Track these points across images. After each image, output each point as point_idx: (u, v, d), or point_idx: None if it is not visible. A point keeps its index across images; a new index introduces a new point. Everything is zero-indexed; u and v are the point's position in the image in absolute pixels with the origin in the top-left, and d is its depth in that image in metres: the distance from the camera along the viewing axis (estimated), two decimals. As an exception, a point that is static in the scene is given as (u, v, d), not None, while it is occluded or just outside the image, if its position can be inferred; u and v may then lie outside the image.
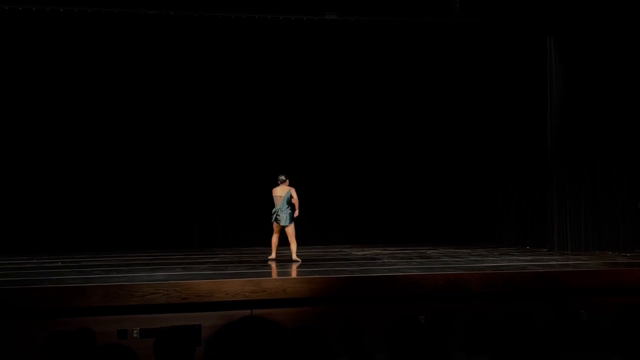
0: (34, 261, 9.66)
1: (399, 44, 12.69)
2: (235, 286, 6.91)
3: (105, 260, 9.68)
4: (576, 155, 10.60)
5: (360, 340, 4.34)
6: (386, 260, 9.40)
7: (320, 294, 7.03)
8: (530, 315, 3.99)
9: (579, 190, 10.61)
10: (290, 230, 9.36)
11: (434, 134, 12.89)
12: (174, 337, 3.24)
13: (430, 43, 12.73)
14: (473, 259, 9.59)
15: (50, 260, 9.70)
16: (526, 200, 11.64)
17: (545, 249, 10.73)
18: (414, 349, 3.25)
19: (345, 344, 4.30)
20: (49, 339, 3.33)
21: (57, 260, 9.71)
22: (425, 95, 12.84)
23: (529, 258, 9.57)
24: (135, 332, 6.52)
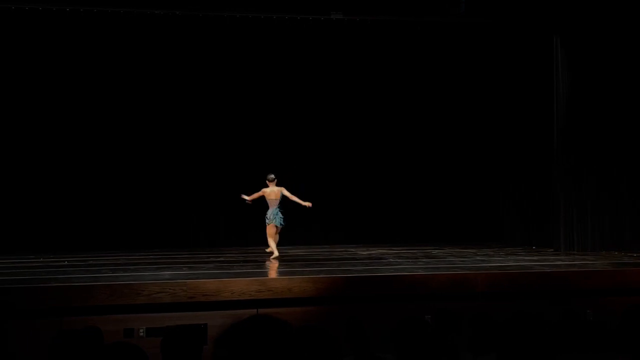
0: (41, 260, 9.69)
1: (403, 43, 12.66)
2: (241, 285, 6.92)
3: (112, 259, 9.70)
4: (582, 155, 10.56)
5: (366, 340, 4.34)
6: (392, 260, 9.40)
7: (325, 294, 7.03)
8: (537, 315, 3.99)
9: (585, 190, 10.57)
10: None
11: (440, 133, 12.86)
12: (181, 336, 3.26)
13: (436, 43, 12.71)
14: (479, 258, 9.58)
15: (57, 259, 9.72)
16: (532, 200, 11.62)
17: (552, 249, 10.70)
18: (421, 348, 3.25)
19: (351, 343, 4.30)
20: (56, 338, 3.34)
21: (63, 259, 9.74)
22: (432, 94, 12.82)
23: (535, 258, 9.55)
24: (141, 331, 6.54)
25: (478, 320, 4.33)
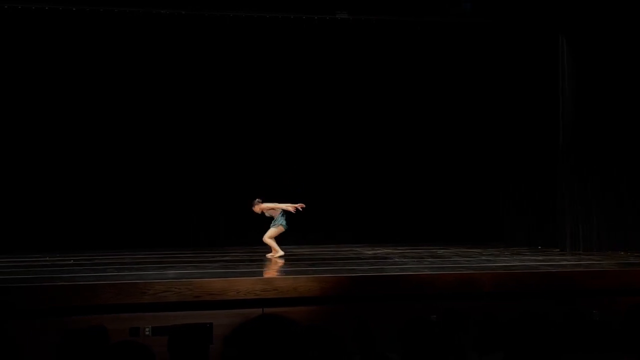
0: (46, 258, 9.71)
1: (407, 42, 12.66)
2: (246, 285, 6.91)
3: (117, 258, 9.72)
4: (588, 155, 10.53)
5: (372, 339, 4.34)
6: (397, 260, 9.39)
7: (331, 293, 7.02)
8: (543, 315, 3.99)
9: (590, 190, 10.54)
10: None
11: (446, 132, 12.86)
12: (188, 335, 3.26)
13: (436, 42, 12.71)
14: (484, 258, 9.56)
15: (62, 258, 9.74)
16: (537, 200, 11.60)
17: (557, 249, 10.68)
18: (428, 348, 3.25)
19: (358, 343, 4.30)
20: (63, 337, 3.34)
21: (68, 258, 9.76)
22: (438, 94, 12.82)
23: (540, 258, 9.53)
24: (147, 329, 6.53)
25: (483, 320, 4.33)
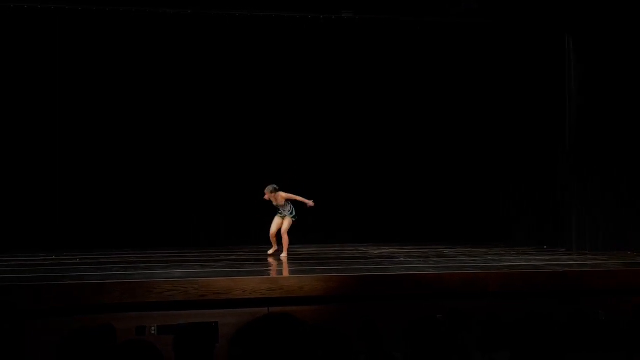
0: (52, 257, 9.74)
1: (412, 42, 12.66)
2: (252, 284, 6.92)
3: (123, 257, 9.74)
4: (594, 156, 10.50)
5: (379, 338, 4.34)
6: (403, 259, 9.39)
7: (337, 293, 7.03)
8: (549, 315, 3.98)
9: (597, 190, 10.52)
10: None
11: (451, 132, 12.85)
12: (193, 334, 3.27)
13: (444, 42, 12.70)
14: (490, 258, 9.55)
15: (69, 257, 9.77)
16: (543, 200, 11.58)
17: (563, 249, 10.66)
18: (433, 347, 3.25)
19: (364, 342, 4.30)
20: (70, 335, 3.35)
21: (74, 257, 9.79)
22: (443, 93, 12.81)
23: (547, 258, 9.51)
24: (153, 328, 6.55)
25: (487, 320, 4.33)
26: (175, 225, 11.93)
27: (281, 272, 8.18)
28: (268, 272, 8.06)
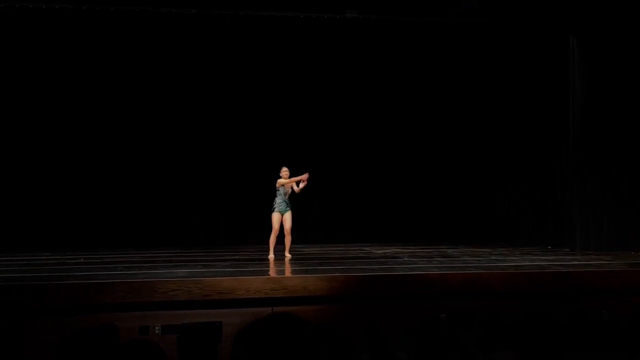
0: (57, 257, 9.77)
1: (415, 42, 12.68)
2: (256, 283, 6.92)
3: (127, 256, 9.75)
4: (598, 156, 10.49)
5: (381, 338, 4.33)
6: (407, 259, 9.38)
7: (340, 292, 7.02)
8: (549, 315, 3.97)
9: (601, 190, 10.50)
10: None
11: (455, 132, 12.86)
12: (197, 333, 3.27)
13: (448, 42, 12.69)
14: (494, 258, 9.54)
15: (73, 257, 9.79)
16: (543, 200, 11.57)
17: (567, 249, 10.64)
18: (437, 347, 3.25)
19: (367, 342, 4.29)
20: (73, 335, 3.35)
21: (78, 256, 9.81)
22: (447, 93, 12.81)
23: (551, 258, 9.49)
24: (157, 328, 6.55)
25: (488, 320, 4.32)
26: (175, 225, 11.96)
27: (285, 272, 8.17)
28: (272, 272, 8.05)
